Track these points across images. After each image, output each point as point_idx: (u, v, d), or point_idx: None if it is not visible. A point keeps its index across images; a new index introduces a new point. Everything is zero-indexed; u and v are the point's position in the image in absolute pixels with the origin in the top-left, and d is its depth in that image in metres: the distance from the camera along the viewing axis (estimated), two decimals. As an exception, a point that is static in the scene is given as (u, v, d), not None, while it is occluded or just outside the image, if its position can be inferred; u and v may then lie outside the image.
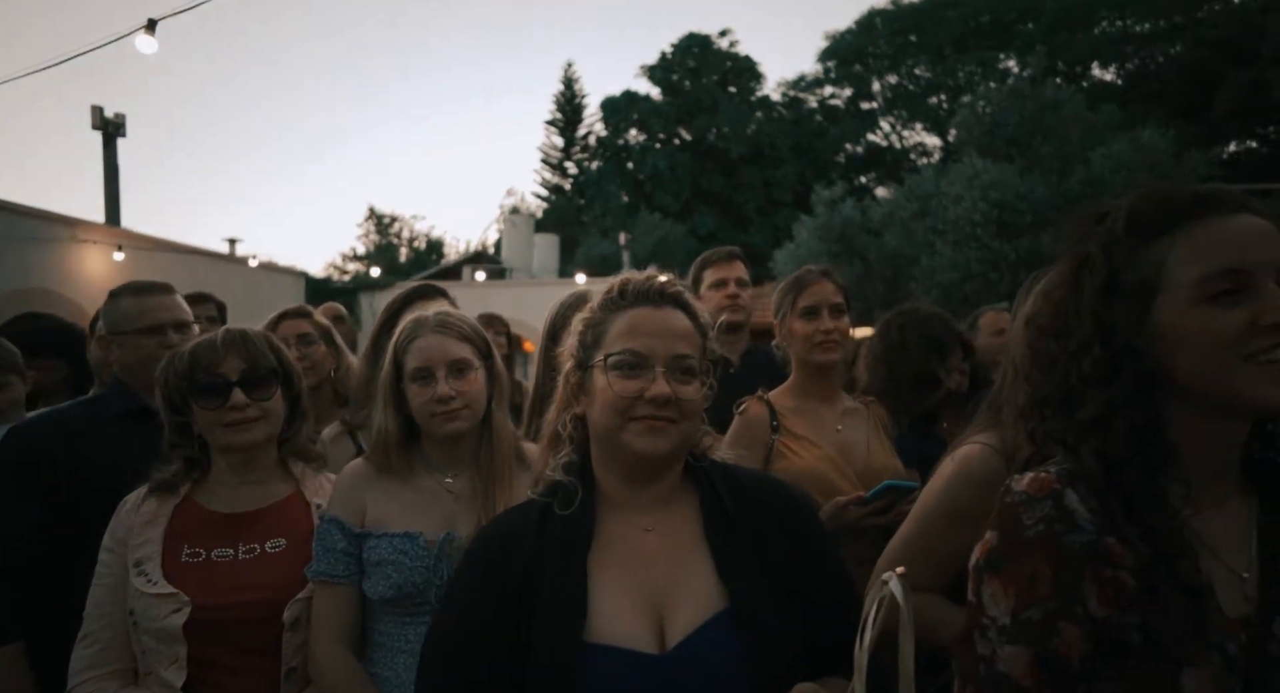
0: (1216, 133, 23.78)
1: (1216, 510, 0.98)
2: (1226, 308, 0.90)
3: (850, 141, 33.25)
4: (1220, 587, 0.94)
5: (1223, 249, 0.92)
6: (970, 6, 30.54)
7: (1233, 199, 0.96)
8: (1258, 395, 0.89)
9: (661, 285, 1.24)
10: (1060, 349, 1.01)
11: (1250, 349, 0.89)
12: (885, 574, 0.97)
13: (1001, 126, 12.10)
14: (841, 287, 2.25)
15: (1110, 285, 0.97)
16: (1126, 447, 0.95)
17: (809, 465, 2.07)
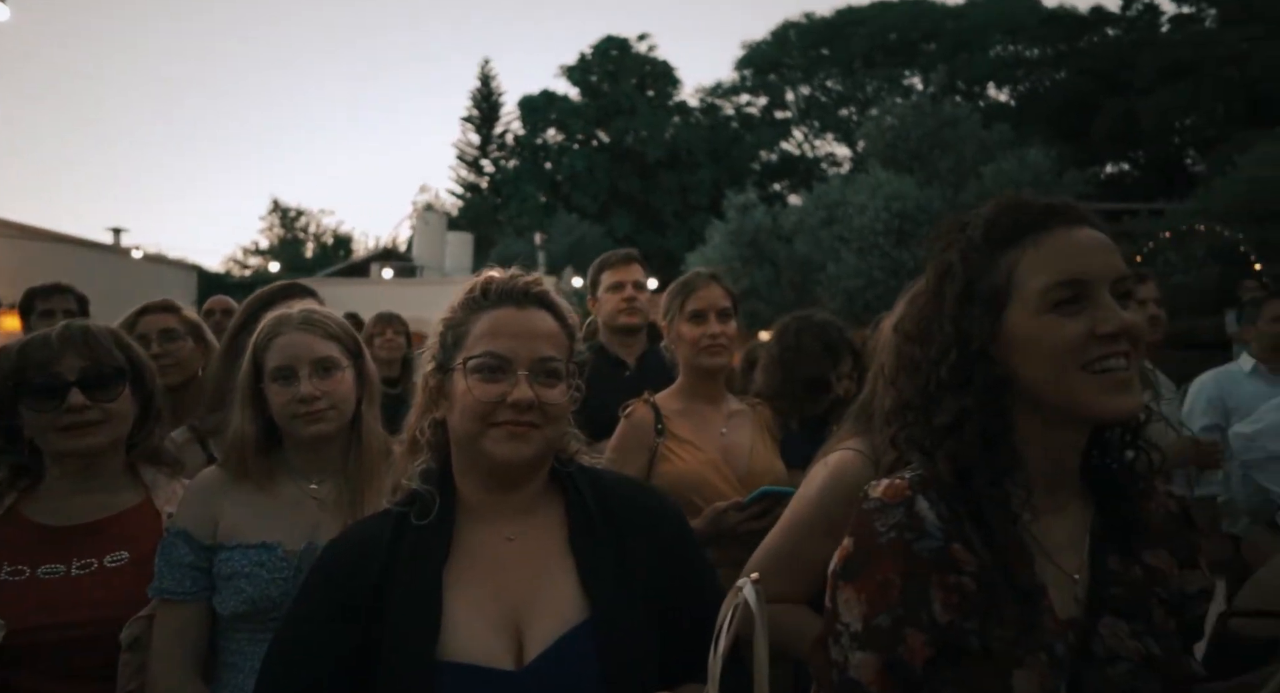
0: (1095, 154, 25.60)
1: (1056, 515, 1.01)
2: (1067, 317, 0.93)
3: (765, 149, 34.07)
4: (1053, 589, 0.97)
5: (1065, 260, 0.94)
6: (877, 24, 31.85)
7: (1077, 212, 0.99)
8: (1093, 404, 0.92)
9: (526, 285, 1.20)
10: (922, 355, 1.03)
11: (1087, 357, 0.92)
12: (740, 581, 0.96)
13: (904, 140, 12.64)
14: (730, 291, 2.26)
15: (968, 293, 0.99)
16: (976, 453, 0.97)
17: (691, 469, 2.08)
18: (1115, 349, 0.92)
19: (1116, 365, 0.92)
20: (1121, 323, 0.91)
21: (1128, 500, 1.00)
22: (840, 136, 33.05)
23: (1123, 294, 0.95)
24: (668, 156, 31.62)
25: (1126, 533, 1.01)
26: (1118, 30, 27.06)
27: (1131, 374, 0.93)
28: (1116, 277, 0.94)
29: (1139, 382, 0.94)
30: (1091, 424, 0.97)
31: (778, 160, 34.19)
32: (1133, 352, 0.93)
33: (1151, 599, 0.99)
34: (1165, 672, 0.95)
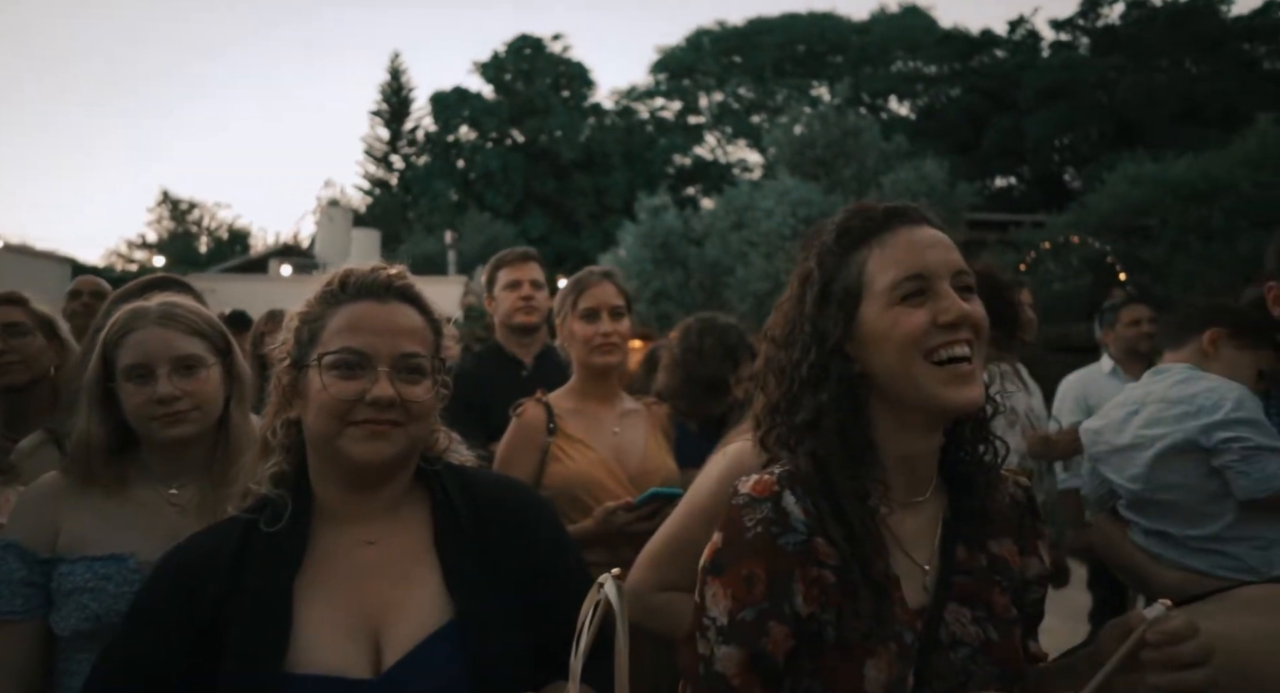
0: (986, 168, 27.19)
1: (912, 508, 1.05)
2: (912, 308, 0.98)
3: (679, 153, 34.50)
4: (905, 580, 1.02)
5: (908, 256, 1.00)
6: (787, 35, 32.81)
7: (918, 214, 1.05)
8: (937, 395, 0.97)
9: (389, 278, 1.16)
10: (786, 358, 1.06)
11: (930, 345, 0.97)
12: (602, 577, 0.96)
13: (810, 148, 13.04)
14: (623, 289, 2.26)
15: (824, 294, 1.04)
16: (833, 448, 1.00)
17: (581, 469, 2.06)
18: (957, 337, 0.96)
19: (959, 353, 0.96)
20: (961, 312, 0.96)
21: (976, 492, 1.05)
22: (752, 143, 33.85)
23: (963, 288, 1.00)
24: (583, 158, 31.57)
25: (975, 524, 1.06)
26: (1005, 52, 28.83)
27: (974, 368, 0.98)
28: (955, 270, 1.00)
29: (982, 375, 0.99)
30: (940, 417, 1.01)
31: (691, 165, 34.68)
32: (975, 341, 0.98)
33: (994, 587, 1.04)
34: (1001, 655, 1.01)
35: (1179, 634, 0.83)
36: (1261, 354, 1.68)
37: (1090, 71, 24.84)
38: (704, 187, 32.60)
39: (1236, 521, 1.59)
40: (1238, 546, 1.59)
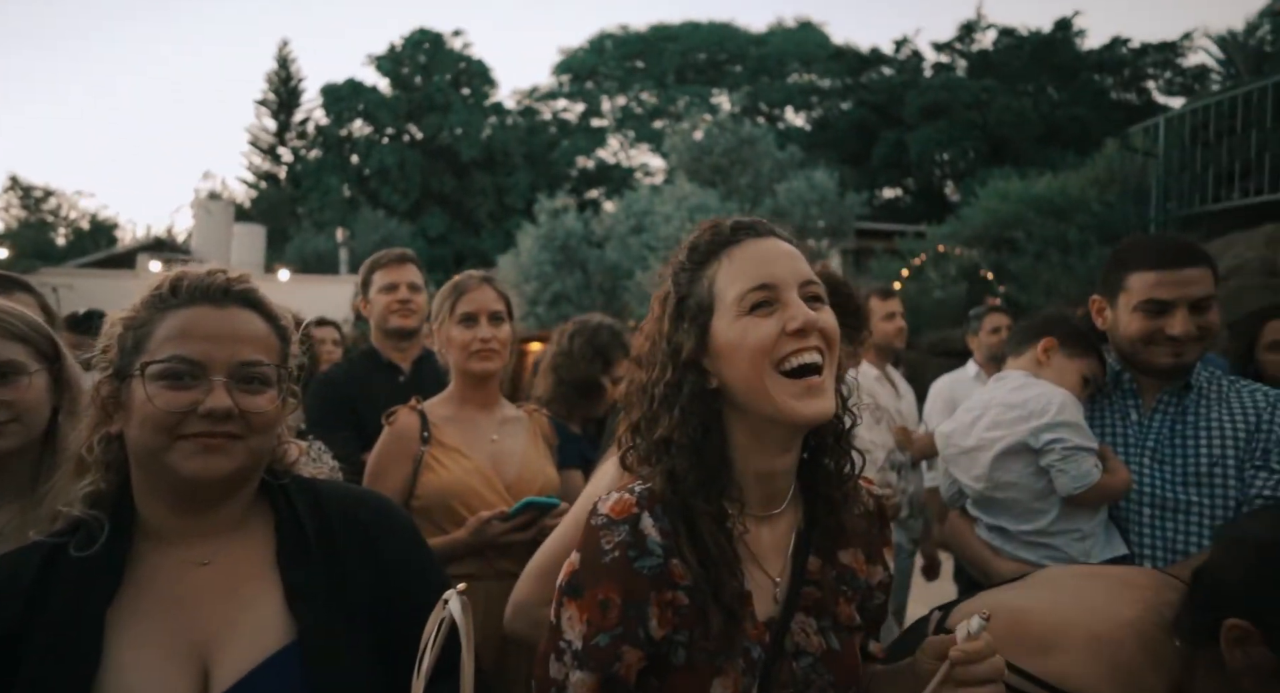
0: (875, 179, 28.54)
1: (769, 522, 1.07)
2: (760, 318, 1.00)
3: (583, 155, 34.42)
4: (757, 593, 1.04)
5: (755, 267, 1.02)
6: (688, 42, 33.35)
7: (765, 227, 1.08)
8: (786, 407, 0.98)
9: (226, 282, 1.09)
10: (646, 376, 1.07)
11: (780, 354, 0.99)
12: (447, 593, 0.93)
13: (707, 155, 13.29)
14: (503, 294, 2.23)
15: (679, 310, 1.05)
16: (689, 465, 1.01)
17: (456, 478, 2.02)
18: (806, 344, 0.99)
19: (809, 361, 0.98)
20: (808, 318, 0.99)
21: (833, 505, 1.08)
22: (655, 147, 34.19)
23: (812, 297, 1.02)
24: (484, 157, 30.98)
25: (828, 535, 1.09)
26: (891, 70, 30.38)
27: (825, 379, 1.00)
28: (803, 280, 1.02)
29: (833, 386, 1.01)
30: (793, 429, 1.02)
31: (595, 167, 34.68)
32: (826, 351, 1.01)
33: (840, 597, 1.08)
34: (840, 663, 1.05)
35: (978, 654, 0.89)
36: (1086, 362, 1.83)
37: (966, 92, 26.52)
38: (607, 190, 32.64)
39: (1060, 516, 1.73)
40: (1061, 538, 1.73)
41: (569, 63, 34.76)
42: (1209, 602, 1.07)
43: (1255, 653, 1.03)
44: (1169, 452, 1.75)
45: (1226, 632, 1.04)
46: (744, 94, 32.18)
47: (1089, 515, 1.72)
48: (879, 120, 28.60)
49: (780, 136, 23.74)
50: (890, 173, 28.88)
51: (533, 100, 35.40)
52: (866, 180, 27.53)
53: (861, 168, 27.85)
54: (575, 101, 35.33)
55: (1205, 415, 1.74)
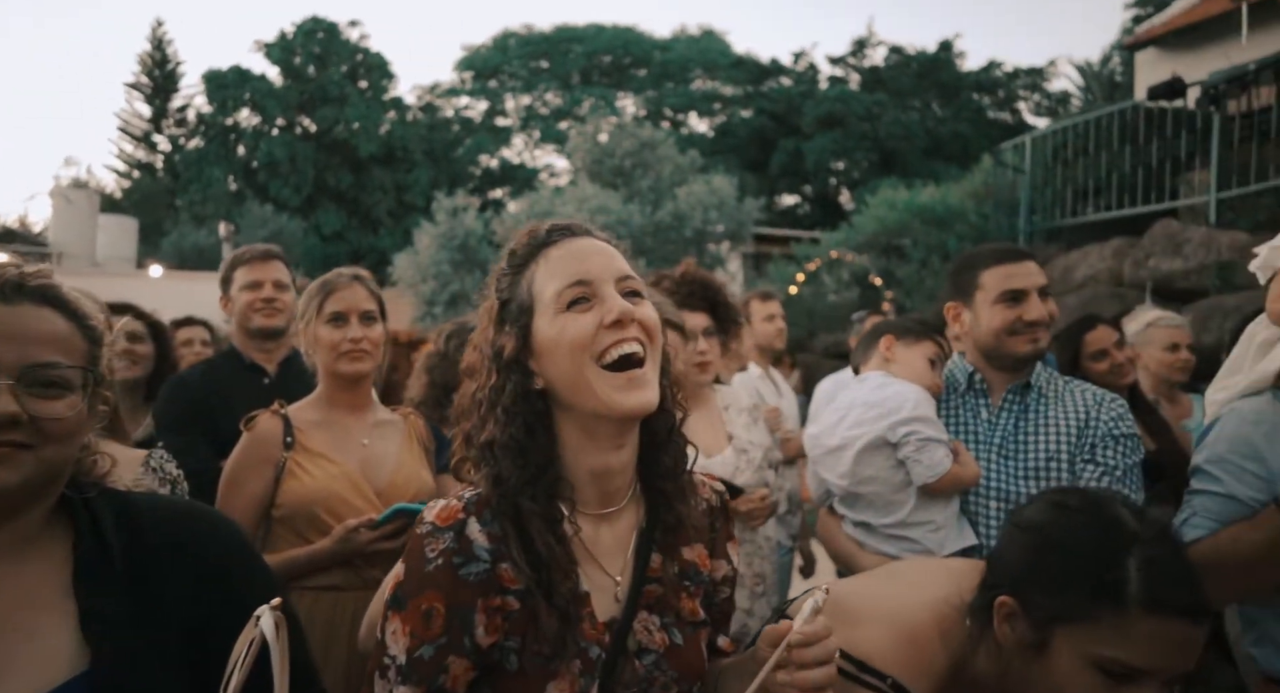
0: (774, 186, 29.45)
1: (608, 521, 1.07)
2: (579, 314, 1.01)
3: (487, 154, 33.85)
4: (597, 594, 1.03)
5: (570, 264, 1.03)
6: (593, 45, 33.38)
7: (581, 228, 1.09)
8: (608, 400, 0.99)
9: (20, 275, 0.99)
10: (476, 385, 1.07)
11: (599, 347, 1.00)
12: (259, 610, 0.88)
13: (609, 157, 13.32)
14: (375, 293, 2.15)
15: (501, 315, 1.06)
16: (515, 467, 1.00)
17: (321, 484, 1.93)
18: (625, 335, 1.00)
19: (628, 350, 0.99)
20: (624, 309, 1.00)
21: (669, 501, 1.09)
22: (560, 148, 34.02)
23: (630, 293, 1.04)
24: (383, 153, 29.95)
25: (669, 532, 1.09)
26: (790, 81, 31.44)
27: (646, 371, 1.01)
28: (619, 276, 1.04)
29: (656, 379, 1.03)
30: (618, 423, 1.03)
31: (499, 167, 34.17)
32: (647, 343, 1.02)
33: (682, 592, 1.09)
34: (683, 659, 1.06)
35: (814, 637, 0.91)
36: (925, 346, 1.96)
37: (859, 105, 27.78)
38: (512, 189, 32.23)
39: (916, 507, 1.83)
40: (917, 530, 1.83)
41: (472, 60, 34.12)
42: (990, 581, 1.15)
43: (1019, 628, 1.10)
44: (1013, 447, 1.88)
45: (998, 609, 1.11)
46: (648, 98, 32.48)
47: (942, 507, 1.82)
48: (778, 129, 29.53)
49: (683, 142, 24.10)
50: (789, 180, 29.86)
51: (434, 96, 34.53)
52: (766, 187, 28.36)
53: (761, 174, 28.67)
54: (478, 99, 34.70)
55: (1044, 413, 1.88)
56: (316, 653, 1.82)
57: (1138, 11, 20.98)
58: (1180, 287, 6.74)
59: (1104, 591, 1.04)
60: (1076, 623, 1.06)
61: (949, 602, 1.18)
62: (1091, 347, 2.86)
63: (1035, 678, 1.09)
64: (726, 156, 27.59)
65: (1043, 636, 1.08)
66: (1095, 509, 1.12)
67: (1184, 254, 6.78)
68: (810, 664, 0.91)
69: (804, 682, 0.90)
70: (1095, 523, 1.10)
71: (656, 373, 1.03)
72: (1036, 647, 1.09)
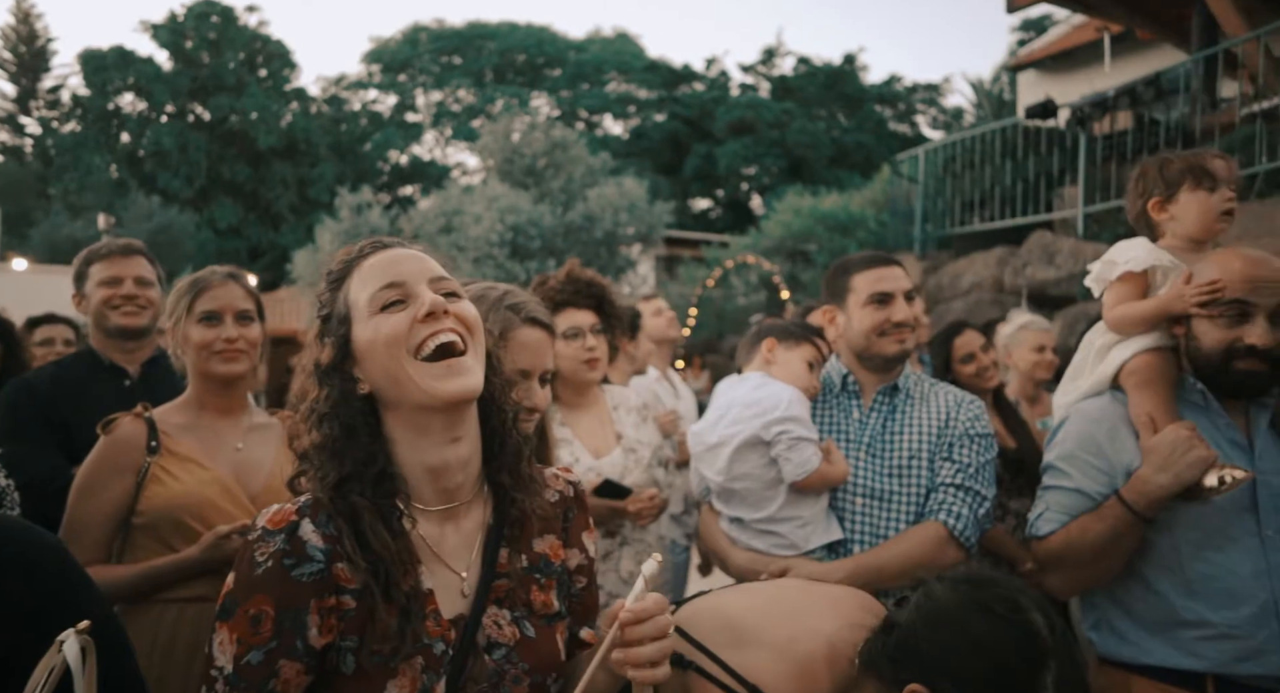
0: (687, 189, 29.90)
1: (452, 518, 1.08)
2: (393, 314, 1.04)
3: (396, 150, 32.93)
4: (441, 591, 1.04)
5: (382, 270, 1.07)
6: (506, 42, 33.01)
7: (393, 241, 1.13)
8: (428, 389, 1.01)
9: None
10: (310, 386, 1.08)
11: (415, 342, 1.02)
12: (63, 634, 0.85)
13: (520, 156, 13.20)
14: (252, 292, 2.07)
15: (323, 327, 1.10)
16: (346, 469, 1.02)
17: (188, 490, 1.84)
18: (439, 327, 1.03)
19: (445, 339, 1.02)
20: (435, 302, 1.03)
21: (514, 495, 1.11)
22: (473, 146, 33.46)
23: (445, 293, 1.07)
24: (284, 145, 28.67)
25: (518, 525, 1.12)
26: (703, 86, 32.00)
27: (466, 360, 1.04)
28: (432, 277, 1.07)
29: (479, 368, 1.06)
30: (443, 413, 1.04)
31: (409, 164, 33.29)
32: (467, 336, 1.05)
33: (534, 585, 1.11)
34: (537, 650, 1.08)
35: (644, 613, 0.94)
36: (804, 349, 2.05)
37: (769, 113, 28.55)
38: (423, 187, 31.47)
39: (785, 503, 1.91)
40: (785, 525, 1.91)
41: (380, 53, 33.13)
42: (898, 657, 1.15)
43: None
44: (880, 446, 1.99)
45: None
46: (562, 99, 32.36)
47: (811, 503, 1.90)
48: (691, 133, 30.00)
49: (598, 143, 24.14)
50: (702, 184, 30.38)
51: (340, 89, 33.32)
52: (680, 190, 28.76)
53: (675, 178, 29.07)
54: (387, 94, 33.73)
55: (909, 414, 2.00)
56: (180, 667, 1.75)
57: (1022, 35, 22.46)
58: (1053, 294, 7.25)
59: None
60: None
61: (839, 636, 1.21)
62: (960, 351, 3.06)
63: None
64: (641, 159, 27.83)
65: None
66: (1016, 614, 1.12)
67: (1056, 264, 7.31)
68: (643, 641, 0.93)
69: (635, 658, 0.92)
70: (1016, 631, 1.11)
71: (480, 363, 1.06)
72: None
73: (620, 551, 2.39)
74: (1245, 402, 1.72)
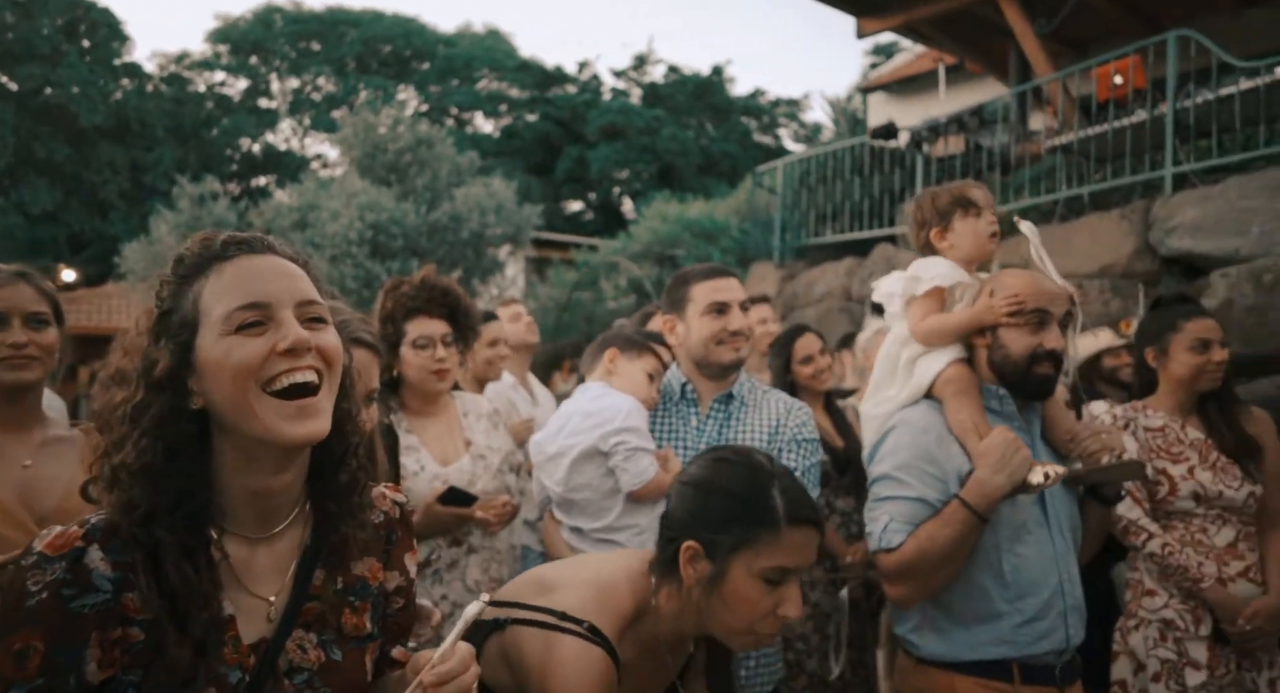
0: (560, 191, 29.82)
1: (267, 542, 1.03)
2: (249, 338, 0.96)
3: (248, 138, 30.68)
4: (244, 616, 0.99)
5: (245, 285, 0.98)
6: (370, 31, 31.57)
7: (262, 243, 1.04)
8: (274, 428, 0.95)
9: None
10: (120, 395, 0.98)
11: (268, 374, 0.96)
12: None
13: (382, 152, 12.69)
14: (47, 293, 1.87)
15: (160, 326, 0.99)
16: (150, 493, 0.94)
17: (-40, 516, 1.64)
18: (298, 364, 0.97)
19: (300, 380, 0.97)
20: (299, 337, 0.97)
21: (337, 522, 1.07)
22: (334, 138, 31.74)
23: (312, 318, 1.01)
24: (113, 125, 26.01)
25: (336, 548, 1.08)
26: (575, 89, 32.02)
27: (319, 400, 0.99)
28: (300, 300, 1.00)
29: (329, 407, 1.00)
30: (285, 451, 1.00)
31: (263, 153, 31.11)
32: (325, 371, 1.00)
33: (346, 607, 1.08)
34: (341, 674, 1.05)
35: (447, 675, 0.95)
36: (646, 360, 2.11)
37: (640, 119, 28.97)
38: (279, 177, 29.50)
39: (622, 513, 1.96)
40: (623, 534, 1.96)
41: (228, 32, 30.75)
42: (669, 536, 1.40)
43: (701, 566, 1.35)
44: (716, 451, 2.07)
45: (683, 553, 1.35)
46: (431, 94, 31.37)
47: (647, 512, 1.96)
48: (564, 135, 29.94)
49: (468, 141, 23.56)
50: (574, 186, 30.38)
51: (182, 68, 30.64)
52: (552, 191, 28.61)
53: (547, 179, 28.90)
54: (238, 77, 31.36)
55: (744, 421, 2.10)
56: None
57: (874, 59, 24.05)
58: (893, 302, 7.83)
59: (761, 516, 1.33)
60: (746, 548, 1.32)
61: (633, 561, 1.46)
62: (799, 353, 3.25)
63: (716, 603, 1.34)
64: (512, 159, 27.45)
65: (722, 567, 1.33)
66: (741, 456, 1.43)
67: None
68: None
69: None
70: (744, 467, 1.39)
71: (332, 399, 1.01)
72: (717, 578, 1.33)
73: (467, 559, 2.36)
74: (1024, 406, 1.93)
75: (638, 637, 1.38)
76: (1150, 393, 2.53)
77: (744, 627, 1.35)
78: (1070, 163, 7.12)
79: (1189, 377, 2.38)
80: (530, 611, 1.34)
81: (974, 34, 9.08)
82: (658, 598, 1.39)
